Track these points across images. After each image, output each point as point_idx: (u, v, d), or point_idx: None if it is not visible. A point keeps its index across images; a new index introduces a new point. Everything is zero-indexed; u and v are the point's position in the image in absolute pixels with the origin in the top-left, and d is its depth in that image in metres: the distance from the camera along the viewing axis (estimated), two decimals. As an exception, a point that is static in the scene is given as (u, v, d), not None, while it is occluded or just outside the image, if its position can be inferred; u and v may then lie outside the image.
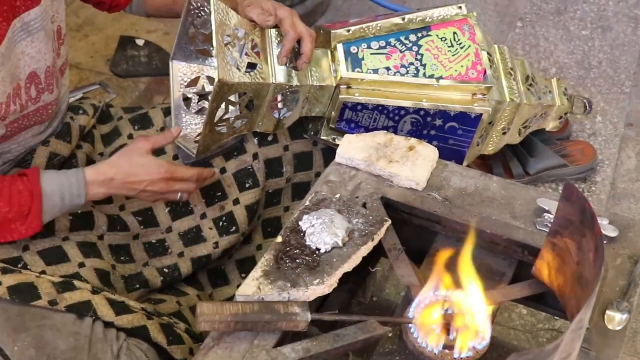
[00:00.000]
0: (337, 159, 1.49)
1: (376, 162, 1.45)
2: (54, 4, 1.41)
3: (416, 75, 1.65)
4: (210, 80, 1.64)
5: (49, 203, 1.37)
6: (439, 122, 1.66)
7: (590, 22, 2.97)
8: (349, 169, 1.47)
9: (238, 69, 1.44)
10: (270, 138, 1.63)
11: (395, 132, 1.66)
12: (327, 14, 3.00)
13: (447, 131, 1.68)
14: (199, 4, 1.56)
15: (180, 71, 1.65)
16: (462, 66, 1.68)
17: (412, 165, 1.44)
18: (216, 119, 1.48)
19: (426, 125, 1.66)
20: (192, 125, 1.63)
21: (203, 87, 1.64)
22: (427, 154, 1.47)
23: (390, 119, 1.64)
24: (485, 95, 1.68)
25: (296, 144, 1.66)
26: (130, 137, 1.62)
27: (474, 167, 1.96)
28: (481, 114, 1.67)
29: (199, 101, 1.64)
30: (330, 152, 1.68)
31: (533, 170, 2.26)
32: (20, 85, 1.37)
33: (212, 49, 1.61)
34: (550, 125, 2.11)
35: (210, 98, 1.44)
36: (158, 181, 1.45)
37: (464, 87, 1.67)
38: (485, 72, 1.69)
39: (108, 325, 1.38)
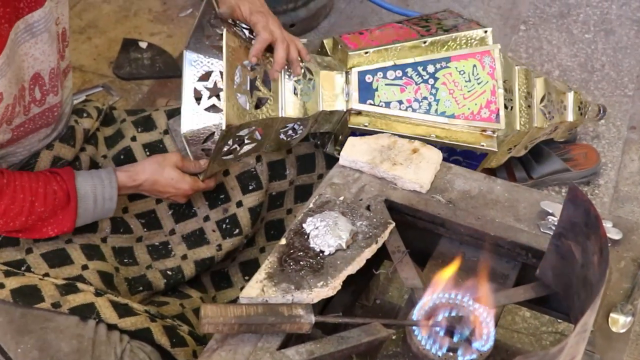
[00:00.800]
0: (341, 161, 1.49)
1: (380, 164, 1.45)
2: (58, 6, 1.41)
3: (428, 111, 1.62)
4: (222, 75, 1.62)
5: (83, 205, 1.41)
6: (443, 155, 1.65)
7: (593, 25, 2.97)
8: (352, 171, 1.47)
9: (247, 106, 1.43)
10: (273, 140, 1.63)
11: None
12: (330, 17, 3.01)
13: (451, 162, 1.67)
14: (217, 3, 1.55)
15: (193, 63, 1.62)
16: (475, 104, 1.64)
17: (416, 168, 1.44)
18: (223, 154, 1.48)
19: None
20: (200, 123, 1.62)
21: (215, 83, 1.63)
22: (431, 156, 1.47)
23: None
24: (494, 132, 1.66)
25: (299, 146, 1.66)
26: (133, 139, 1.62)
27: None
28: (487, 153, 1.66)
29: (209, 97, 1.63)
30: (332, 155, 1.69)
31: (536, 174, 2.26)
32: (25, 87, 1.37)
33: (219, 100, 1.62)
34: (559, 135, 2.10)
35: (217, 138, 1.43)
36: (182, 196, 1.55)
37: (474, 125, 1.66)
38: (498, 111, 1.65)
39: (111, 327, 1.38)
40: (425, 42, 1.65)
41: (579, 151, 2.35)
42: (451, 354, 1.15)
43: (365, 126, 1.61)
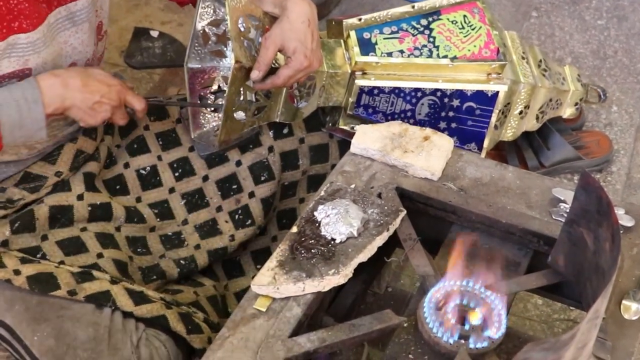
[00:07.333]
0: (352, 149, 1.49)
1: (391, 152, 1.45)
2: None
3: (430, 57, 1.67)
4: (225, 79, 1.63)
5: (4, 111, 1.28)
6: (456, 103, 1.67)
7: (606, 12, 2.95)
8: (363, 159, 1.47)
9: (254, 53, 1.44)
10: (285, 131, 1.63)
11: (413, 115, 1.67)
12: (341, 5, 2.99)
13: (465, 111, 1.69)
14: (209, 5, 1.56)
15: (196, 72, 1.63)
16: (474, 46, 1.70)
17: (427, 155, 1.44)
18: (234, 106, 1.48)
19: (443, 106, 1.67)
20: (211, 123, 1.63)
21: (219, 87, 1.64)
22: (442, 143, 1.47)
23: (407, 101, 1.65)
24: (499, 74, 1.70)
25: (312, 136, 1.66)
26: (146, 128, 1.63)
27: (489, 157, 1.95)
28: (497, 92, 1.68)
29: (215, 99, 1.64)
30: (346, 144, 1.68)
31: (548, 161, 2.25)
32: None
33: (225, 48, 1.62)
34: (567, 112, 2.10)
35: (228, 82, 1.44)
36: (116, 96, 1.39)
37: (479, 66, 1.67)
38: (499, 50, 1.70)
39: (126, 315, 1.39)
40: (413, 7, 1.75)
41: (591, 138, 2.33)
42: (463, 341, 1.16)
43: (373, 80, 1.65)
